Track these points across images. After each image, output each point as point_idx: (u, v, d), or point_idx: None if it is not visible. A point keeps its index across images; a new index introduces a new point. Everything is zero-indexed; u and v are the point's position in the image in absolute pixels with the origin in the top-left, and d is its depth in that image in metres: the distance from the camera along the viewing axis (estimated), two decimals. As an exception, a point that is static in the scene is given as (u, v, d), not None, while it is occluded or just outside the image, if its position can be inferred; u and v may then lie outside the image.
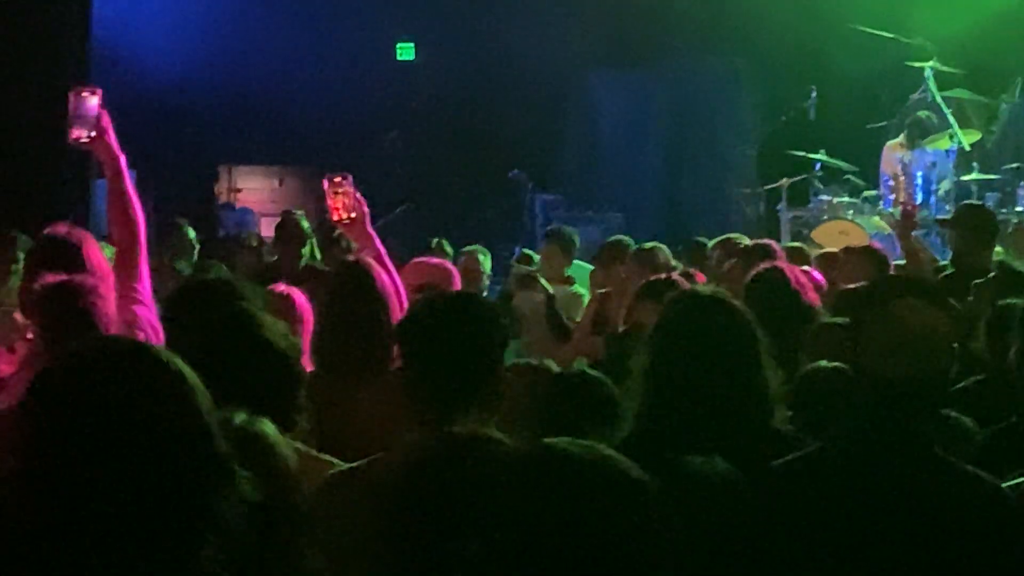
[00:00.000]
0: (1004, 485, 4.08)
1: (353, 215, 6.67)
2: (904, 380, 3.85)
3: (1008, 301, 6.12)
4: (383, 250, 6.54)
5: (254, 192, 19.40)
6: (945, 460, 3.93)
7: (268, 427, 3.47)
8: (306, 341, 5.75)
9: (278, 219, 11.30)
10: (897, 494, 3.86)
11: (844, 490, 3.89)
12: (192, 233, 12.00)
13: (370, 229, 6.69)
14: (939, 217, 12.24)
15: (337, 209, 6.66)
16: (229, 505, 2.58)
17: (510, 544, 2.61)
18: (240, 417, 3.43)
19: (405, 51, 20.12)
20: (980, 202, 10.83)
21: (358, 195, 6.70)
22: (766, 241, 9.58)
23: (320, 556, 3.38)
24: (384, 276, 6.03)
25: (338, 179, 6.68)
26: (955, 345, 4.02)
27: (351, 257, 6.41)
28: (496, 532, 2.64)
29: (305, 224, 10.80)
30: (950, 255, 9.61)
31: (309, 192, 19.09)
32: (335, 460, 4.30)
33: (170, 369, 2.60)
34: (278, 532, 3.25)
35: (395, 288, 6.07)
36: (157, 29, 18.31)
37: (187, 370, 2.62)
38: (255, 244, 12.49)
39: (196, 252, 11.78)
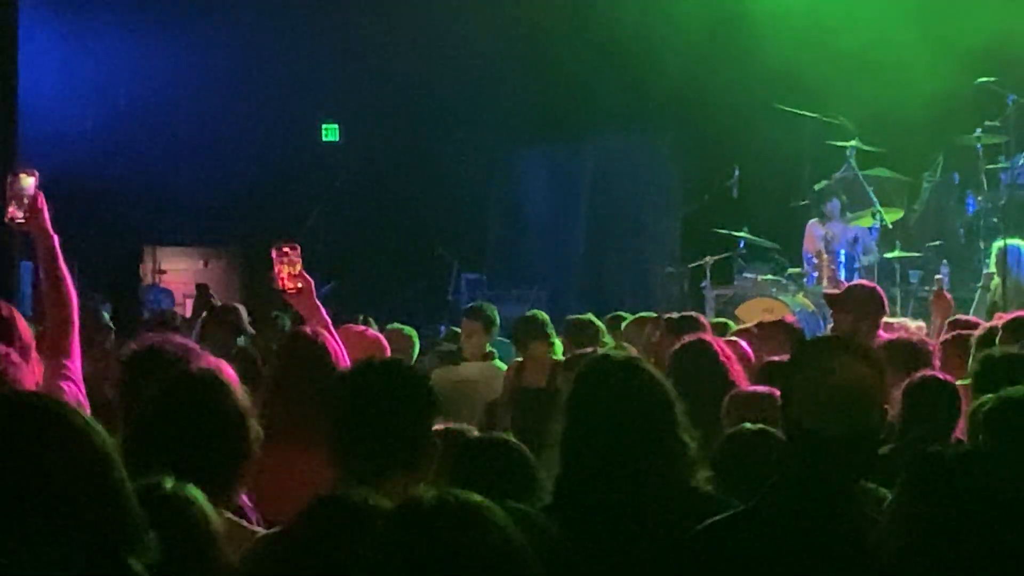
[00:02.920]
0: None
1: (300, 285, 6.58)
2: (837, 437, 3.82)
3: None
4: (329, 321, 6.47)
5: (179, 273, 19.30)
6: (875, 520, 3.88)
7: (195, 492, 3.44)
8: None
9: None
10: (828, 554, 3.82)
11: (774, 550, 3.84)
12: (106, 315, 11.90)
13: (316, 300, 6.61)
14: (826, 291, 12.27)
15: (283, 279, 6.56)
16: (137, 560, 2.58)
17: None
18: (169, 482, 3.42)
19: (330, 132, 20.16)
20: (872, 282, 10.88)
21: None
22: (692, 313, 9.61)
23: None
24: (335, 346, 5.98)
25: (286, 248, 6.58)
26: (886, 407, 4.00)
27: (304, 328, 6.32)
28: None
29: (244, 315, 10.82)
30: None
31: (234, 272, 19.06)
32: (260, 530, 4.25)
33: (71, 422, 2.60)
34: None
35: (343, 360, 6.01)
36: (84, 111, 18.28)
37: (94, 426, 2.63)
38: (178, 324, 12.40)
39: (112, 334, 11.65)
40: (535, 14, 17.99)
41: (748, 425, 5.26)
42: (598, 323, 10.17)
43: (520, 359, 9.81)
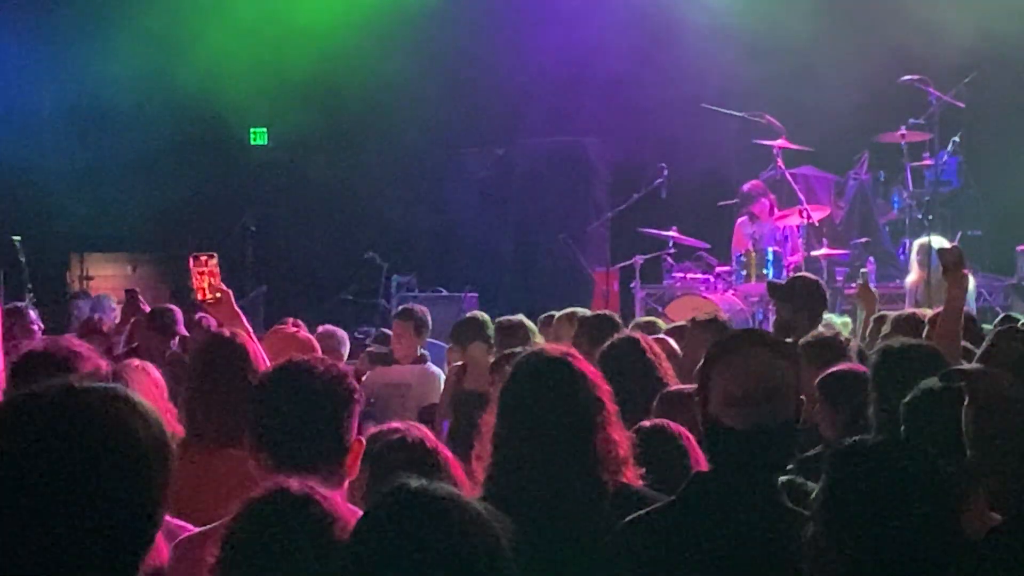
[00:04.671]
0: None
1: (219, 295, 6.53)
2: (751, 429, 3.87)
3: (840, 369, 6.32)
4: (250, 328, 6.44)
5: (107, 279, 19.12)
6: (792, 511, 3.93)
7: None
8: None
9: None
10: (748, 545, 3.86)
11: (695, 543, 3.88)
12: (31, 316, 11.85)
13: (237, 308, 6.55)
14: (769, 282, 12.38)
15: (203, 289, 6.50)
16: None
17: None
18: None
19: (258, 136, 20.10)
20: (814, 276, 10.95)
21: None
22: (606, 312, 9.68)
23: None
24: (253, 348, 5.96)
25: (204, 257, 6.52)
26: (802, 397, 4.05)
27: (221, 329, 6.27)
28: None
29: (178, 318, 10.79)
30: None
31: (163, 277, 18.94)
32: (188, 526, 4.25)
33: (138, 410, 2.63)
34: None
35: (263, 362, 5.98)
36: (7, 118, 18.13)
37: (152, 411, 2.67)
38: (106, 329, 12.33)
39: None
40: (464, 18, 18.01)
41: (646, 423, 5.29)
42: (529, 324, 10.16)
43: (461, 363, 9.80)
